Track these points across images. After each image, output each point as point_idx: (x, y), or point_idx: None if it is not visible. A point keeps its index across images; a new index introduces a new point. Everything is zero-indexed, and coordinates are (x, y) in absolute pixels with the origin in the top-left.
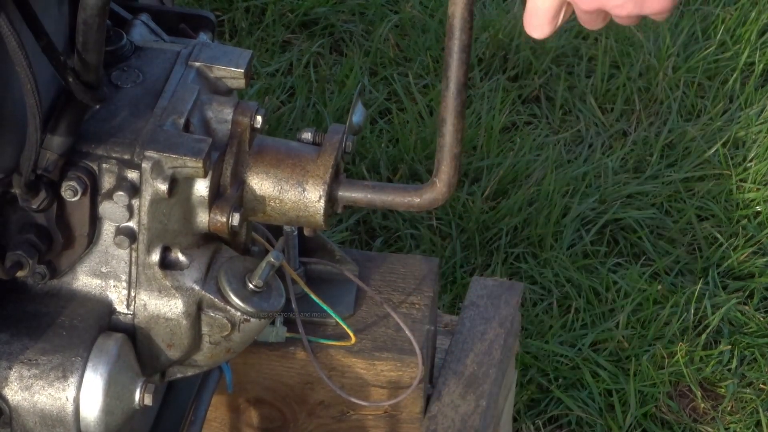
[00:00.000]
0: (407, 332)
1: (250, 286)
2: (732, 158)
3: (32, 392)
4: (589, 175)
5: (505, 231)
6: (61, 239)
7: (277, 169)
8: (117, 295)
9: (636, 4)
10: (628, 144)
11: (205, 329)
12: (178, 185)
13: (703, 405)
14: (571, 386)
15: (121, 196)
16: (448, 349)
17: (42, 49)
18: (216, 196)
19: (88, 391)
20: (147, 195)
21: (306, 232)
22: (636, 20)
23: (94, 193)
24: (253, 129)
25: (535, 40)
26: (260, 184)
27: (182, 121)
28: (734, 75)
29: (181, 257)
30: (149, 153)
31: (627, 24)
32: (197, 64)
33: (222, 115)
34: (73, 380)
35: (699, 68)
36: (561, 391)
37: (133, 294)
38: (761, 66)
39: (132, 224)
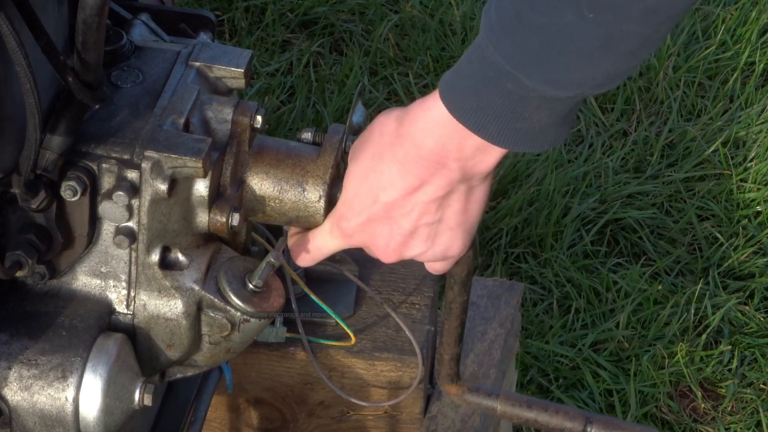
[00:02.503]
0: (407, 332)
1: (250, 286)
2: (732, 158)
3: (32, 392)
4: (589, 175)
5: (506, 231)
6: (60, 239)
7: (277, 169)
8: (117, 295)
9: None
10: (628, 144)
11: (204, 329)
12: (178, 185)
13: (703, 405)
14: (572, 386)
15: (120, 196)
16: None
17: (42, 48)
18: (216, 196)
19: (88, 392)
20: (147, 195)
21: None
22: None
23: (93, 193)
24: (253, 129)
25: None
26: (260, 184)
27: (182, 121)
28: (735, 75)
29: (181, 257)
30: (149, 153)
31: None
32: (197, 64)
33: (222, 115)
34: (72, 380)
35: (699, 68)
36: (561, 392)
37: (132, 294)
38: (762, 66)
39: (132, 224)
